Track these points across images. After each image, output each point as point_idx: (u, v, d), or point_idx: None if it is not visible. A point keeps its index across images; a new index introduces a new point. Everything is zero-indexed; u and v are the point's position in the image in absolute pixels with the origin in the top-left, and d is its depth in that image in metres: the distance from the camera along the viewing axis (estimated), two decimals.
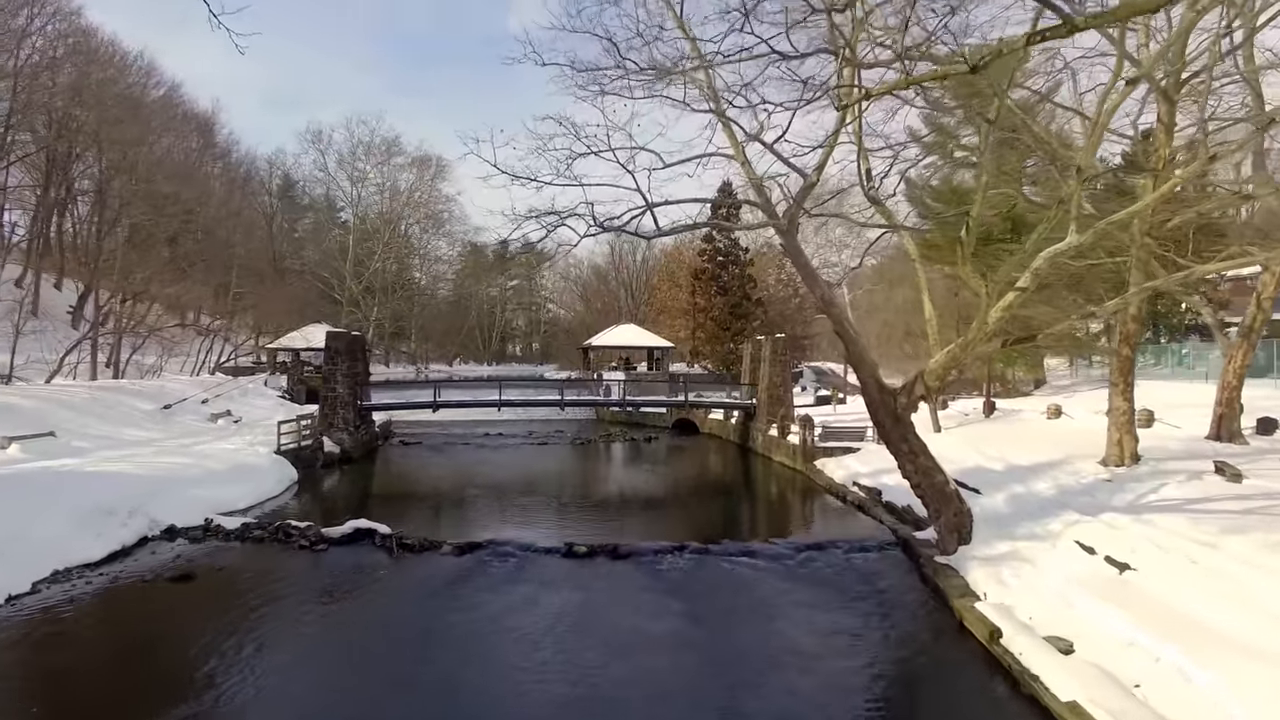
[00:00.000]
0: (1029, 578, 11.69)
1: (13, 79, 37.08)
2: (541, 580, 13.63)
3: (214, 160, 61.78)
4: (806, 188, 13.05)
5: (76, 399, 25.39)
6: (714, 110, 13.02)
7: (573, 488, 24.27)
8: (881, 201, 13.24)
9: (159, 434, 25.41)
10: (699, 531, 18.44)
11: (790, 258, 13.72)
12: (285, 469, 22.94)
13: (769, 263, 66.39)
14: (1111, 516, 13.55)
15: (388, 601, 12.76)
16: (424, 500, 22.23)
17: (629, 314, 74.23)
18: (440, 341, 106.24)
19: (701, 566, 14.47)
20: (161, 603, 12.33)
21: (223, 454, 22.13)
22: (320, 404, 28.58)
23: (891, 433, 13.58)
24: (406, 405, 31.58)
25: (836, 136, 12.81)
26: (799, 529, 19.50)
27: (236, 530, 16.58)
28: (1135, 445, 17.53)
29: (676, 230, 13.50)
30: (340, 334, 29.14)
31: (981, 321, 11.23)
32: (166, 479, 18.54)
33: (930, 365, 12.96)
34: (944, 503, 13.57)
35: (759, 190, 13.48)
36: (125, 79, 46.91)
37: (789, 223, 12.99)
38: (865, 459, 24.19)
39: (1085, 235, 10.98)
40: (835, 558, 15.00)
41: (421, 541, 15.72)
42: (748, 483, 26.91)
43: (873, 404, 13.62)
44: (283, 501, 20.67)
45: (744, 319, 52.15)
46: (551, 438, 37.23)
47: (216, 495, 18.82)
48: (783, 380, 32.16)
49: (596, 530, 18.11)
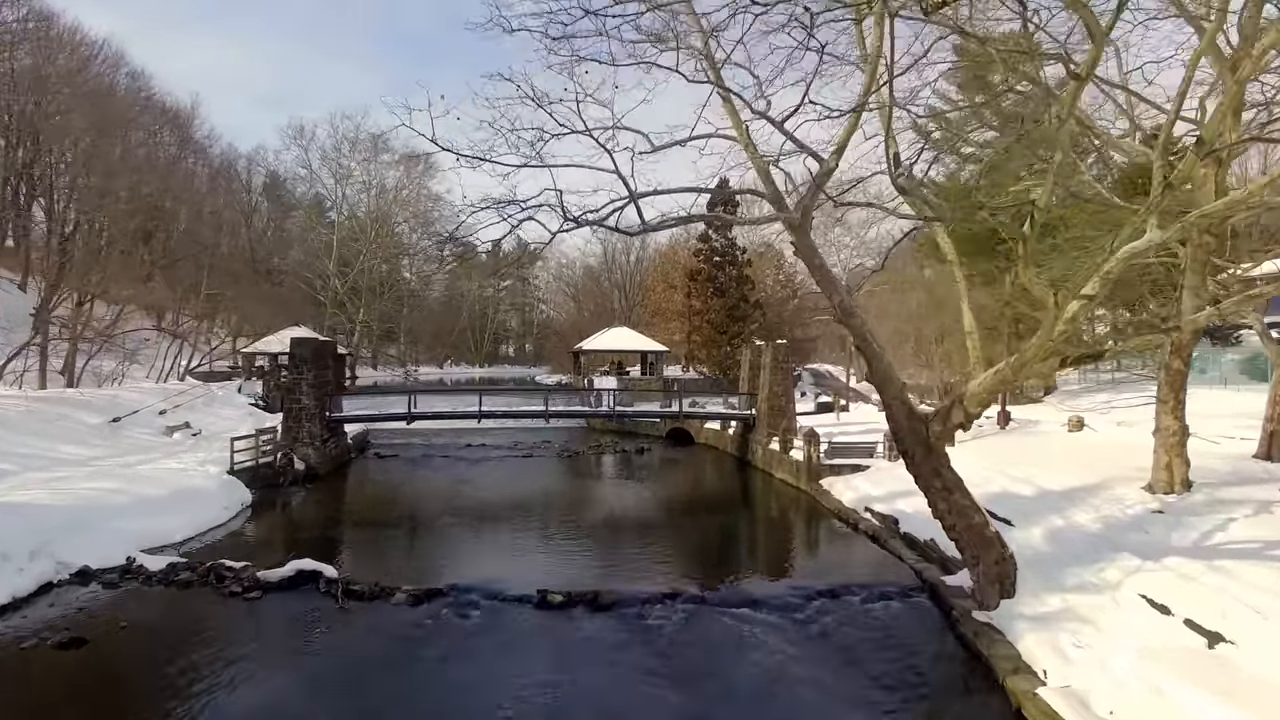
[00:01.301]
0: (1094, 647, 9.57)
1: None
2: (507, 641, 11.48)
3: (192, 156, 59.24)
4: (824, 173, 10.92)
5: (9, 412, 23.12)
6: (712, 82, 10.90)
7: (555, 511, 22.03)
8: (911, 190, 11.12)
9: (102, 451, 23.16)
10: (694, 567, 16.37)
11: (802, 257, 11.58)
12: (237, 491, 20.73)
13: (767, 263, 64.34)
14: (1178, 562, 11.50)
15: (323, 670, 10.57)
16: (388, 528, 20.02)
17: (622, 316, 72.17)
18: (431, 344, 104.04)
19: (696, 621, 12.32)
20: (33, 682, 10.08)
21: (165, 475, 19.91)
22: (284, 416, 26.37)
23: (922, 465, 11.46)
24: (378, 418, 29.30)
25: (860, 114, 10.68)
26: (807, 566, 17.30)
27: (161, 572, 14.36)
28: (1186, 470, 15.46)
29: (666, 225, 11.34)
30: (306, 340, 26.91)
31: (1046, 336, 9.12)
32: (89, 509, 16.32)
33: (972, 388, 10.84)
34: (983, 548, 11.46)
35: (765, 178, 11.37)
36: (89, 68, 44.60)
37: (802, 215, 10.87)
38: (877, 480, 22.08)
39: (1170, 230, 8.90)
40: (852, 608, 12.86)
41: (372, 588, 13.53)
42: (748, 504, 24.70)
43: (900, 431, 11.51)
44: (229, 531, 18.45)
45: (741, 321, 50.00)
46: (538, 449, 35.04)
47: (149, 527, 16.64)
48: (784, 390, 30.02)
49: (577, 566, 15.97)
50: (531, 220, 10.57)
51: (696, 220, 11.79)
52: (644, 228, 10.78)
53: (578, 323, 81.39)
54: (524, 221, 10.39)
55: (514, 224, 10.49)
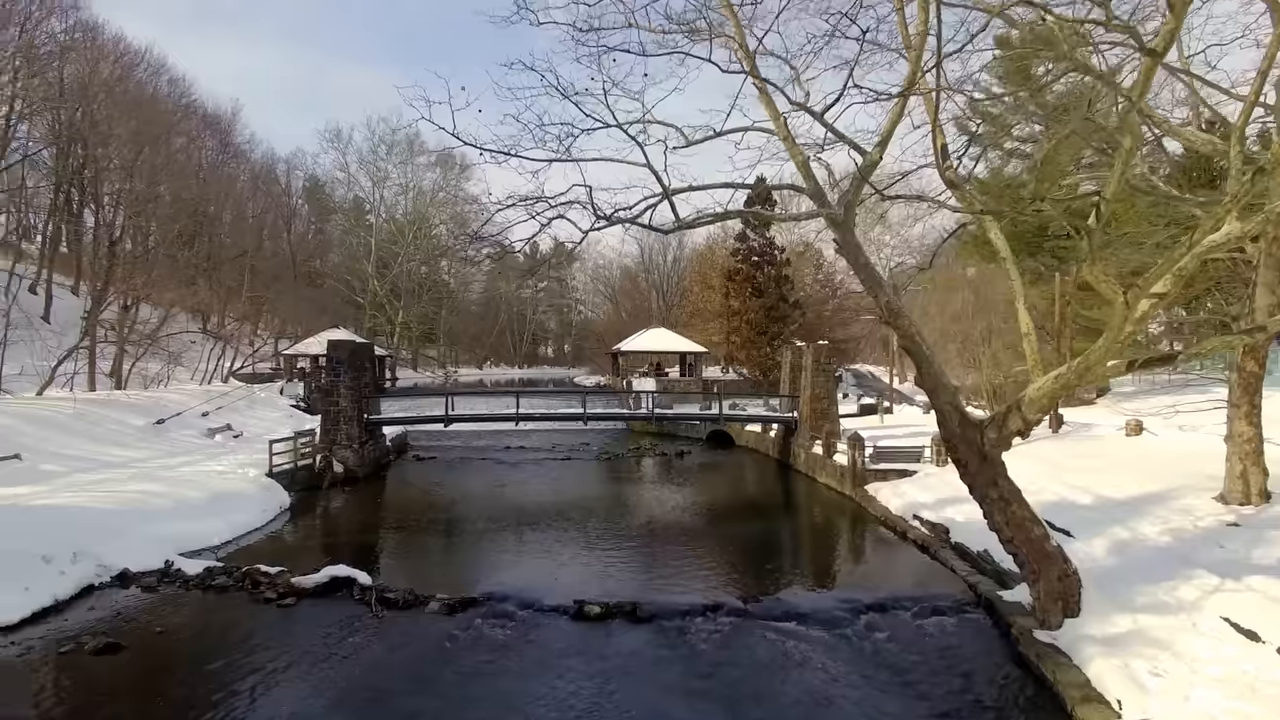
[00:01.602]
0: (1174, 675, 8.83)
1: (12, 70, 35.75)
2: (542, 655, 11.09)
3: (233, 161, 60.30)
4: (867, 166, 10.34)
5: (59, 415, 23.51)
6: (748, 72, 10.38)
7: (593, 516, 21.60)
8: (960, 184, 10.47)
9: (145, 453, 23.39)
10: (736, 576, 15.85)
11: (845, 255, 10.98)
12: (275, 495, 20.75)
13: (806, 263, 63.37)
14: (1264, 582, 10.68)
15: (353, 681, 10.27)
16: (424, 532, 19.81)
17: (660, 317, 71.73)
18: (470, 345, 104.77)
19: (739, 635, 11.81)
20: (69, 689, 9.95)
21: (205, 478, 20.00)
22: (322, 419, 26.41)
23: (977, 475, 10.81)
24: (415, 420, 29.23)
25: (905, 101, 10.09)
26: (854, 576, 16.59)
27: (198, 576, 14.31)
28: (1264, 480, 14.51)
29: (702, 221, 10.84)
30: (343, 342, 26.92)
31: (1114, 337, 8.43)
32: (130, 511, 16.41)
33: (1030, 393, 10.16)
34: (1044, 562, 10.76)
35: (805, 172, 10.80)
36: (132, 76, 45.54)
37: (845, 211, 10.29)
38: (925, 485, 21.31)
39: (1251, 223, 8.17)
40: (903, 624, 12.24)
41: (406, 596, 13.29)
42: (790, 509, 24.06)
43: (953, 439, 10.86)
44: (266, 534, 18.42)
45: (781, 322, 49.19)
46: (577, 451, 34.77)
47: (188, 530, 16.67)
48: (827, 392, 29.27)
49: (616, 575, 15.52)
50: (562, 219, 10.17)
51: (733, 216, 11.24)
52: (678, 225, 10.29)
53: (615, 324, 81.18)
54: (553, 220, 9.99)
55: (543, 222, 10.10)
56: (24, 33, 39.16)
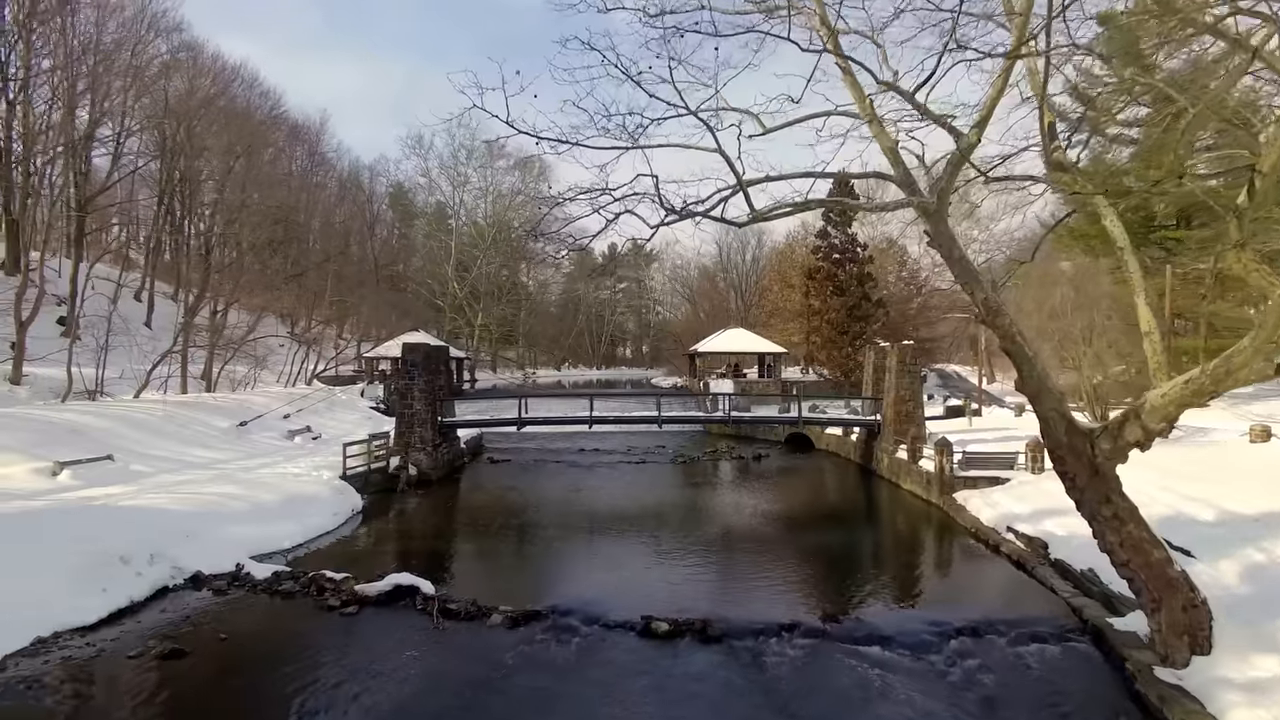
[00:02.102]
0: None
1: (123, 91, 37.65)
2: (605, 675, 10.50)
3: (320, 170, 62.24)
4: (966, 148, 9.34)
5: (149, 417, 24.33)
6: (831, 50, 9.51)
7: (665, 523, 20.92)
8: (1070, 167, 9.35)
9: (228, 454, 23.98)
10: (814, 591, 14.92)
11: (938, 248, 9.98)
12: (348, 498, 20.86)
13: (889, 260, 61.22)
14: None
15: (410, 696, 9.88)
16: (493, 538, 19.45)
17: (738, 317, 70.56)
18: (548, 347, 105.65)
19: (816, 659, 10.93)
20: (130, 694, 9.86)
21: (281, 481, 20.25)
22: (396, 421, 26.59)
23: (1086, 490, 9.67)
24: (489, 423, 29.15)
25: (1007, 75, 9.05)
26: (942, 594, 15.33)
27: (266, 580, 14.32)
28: None
29: (779, 213, 10.03)
30: (418, 345, 27.04)
31: (1269, 335, 7.25)
32: (207, 514, 16.64)
33: (1153, 399, 8.98)
34: (1166, 590, 9.52)
35: (893, 159, 9.86)
36: (229, 91, 47.50)
37: (938, 199, 9.33)
38: (1019, 495, 19.83)
39: None
40: (998, 650, 11.13)
41: (468, 607, 12.90)
42: (872, 518, 22.83)
43: (1059, 449, 9.74)
44: (337, 538, 18.45)
45: (863, 321, 47.51)
46: (652, 454, 34.20)
47: (261, 533, 16.83)
48: (912, 395, 27.80)
49: (686, 588, 14.78)
50: (630, 214, 9.53)
51: (814, 207, 10.31)
52: (753, 217, 9.48)
53: (693, 324, 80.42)
54: (620, 216, 9.36)
55: (608, 217, 9.48)
56: (134, 55, 41.26)
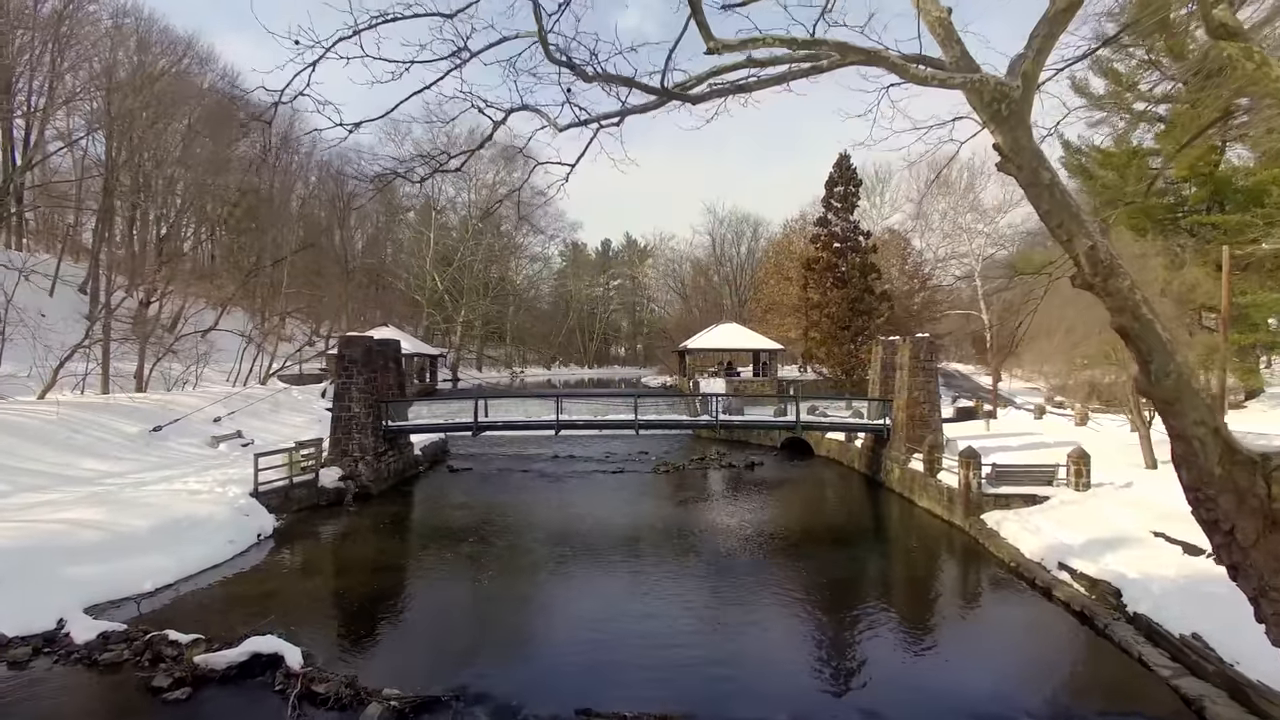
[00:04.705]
0: None
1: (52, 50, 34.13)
2: None
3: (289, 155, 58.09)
4: (1058, 16, 5.79)
5: (34, 421, 20.66)
6: None
7: (637, 553, 17.19)
8: (1240, 29, 5.80)
9: (128, 465, 20.34)
10: (812, 665, 11.22)
11: (1015, 172, 6.21)
12: (254, 520, 17.30)
13: (891, 251, 57.53)
14: None
15: None
16: (417, 576, 15.51)
17: (732, 313, 66.97)
18: (538, 345, 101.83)
19: None
20: None
21: (168, 501, 16.55)
22: (331, 427, 22.96)
23: (1254, 550, 6.07)
24: (440, 428, 25.39)
25: None
26: (987, 669, 11.20)
27: (85, 646, 10.78)
28: None
29: (769, 76, 6.22)
30: (356, 339, 23.32)
31: None
32: (43, 549, 13.01)
33: None
34: None
35: (946, 35, 6.29)
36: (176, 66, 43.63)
37: (1023, 84, 5.77)
38: (1064, 518, 16.30)
39: None
40: None
41: (341, 691, 9.34)
42: (885, 548, 18.63)
43: (1205, 485, 6.14)
44: (223, 575, 14.77)
45: (866, 315, 43.83)
46: (632, 460, 30.66)
47: (113, 573, 13.30)
48: (927, 396, 24.15)
49: (644, 659, 11.17)
50: (530, 112, 5.94)
51: (815, 47, 6.32)
52: (715, 85, 5.88)
53: (685, 321, 76.91)
54: (510, 113, 5.79)
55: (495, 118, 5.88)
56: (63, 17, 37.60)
